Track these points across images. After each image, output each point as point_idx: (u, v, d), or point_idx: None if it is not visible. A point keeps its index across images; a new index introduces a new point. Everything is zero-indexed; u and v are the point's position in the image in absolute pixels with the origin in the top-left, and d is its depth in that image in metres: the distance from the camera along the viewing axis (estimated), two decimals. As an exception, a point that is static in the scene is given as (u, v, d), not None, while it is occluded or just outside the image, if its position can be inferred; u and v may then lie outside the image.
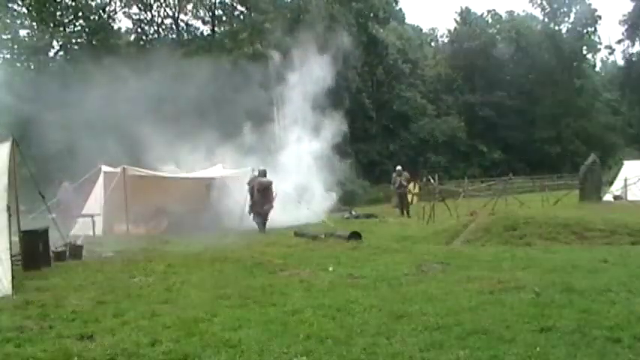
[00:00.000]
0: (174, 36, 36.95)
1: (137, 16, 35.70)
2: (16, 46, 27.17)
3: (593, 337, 4.57)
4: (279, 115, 21.88)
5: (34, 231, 9.32)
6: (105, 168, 16.30)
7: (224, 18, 37.54)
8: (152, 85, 19.99)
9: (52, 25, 27.31)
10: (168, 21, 37.31)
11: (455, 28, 54.19)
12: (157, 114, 19.41)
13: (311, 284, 7.12)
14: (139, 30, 36.24)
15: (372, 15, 41.12)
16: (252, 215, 15.70)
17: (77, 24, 30.04)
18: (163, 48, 30.10)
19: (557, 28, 53.73)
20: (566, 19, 53.66)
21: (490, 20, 54.79)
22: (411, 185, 20.71)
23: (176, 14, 37.06)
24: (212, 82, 21.55)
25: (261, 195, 15.41)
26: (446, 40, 57.96)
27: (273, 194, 15.65)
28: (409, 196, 20.62)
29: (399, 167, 21.78)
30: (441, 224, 14.78)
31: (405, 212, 20.06)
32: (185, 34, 37.57)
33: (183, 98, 21.32)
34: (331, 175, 20.78)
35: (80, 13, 29.39)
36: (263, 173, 15.86)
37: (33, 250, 8.90)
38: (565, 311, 5.34)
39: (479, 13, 54.92)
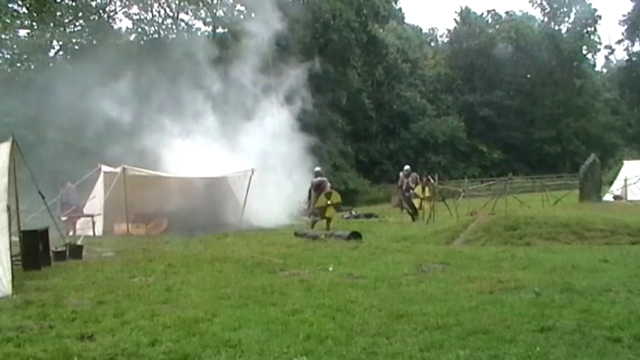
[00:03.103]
0: (174, 36, 36.93)
1: (137, 16, 35.74)
2: (15, 46, 27.15)
3: (593, 337, 4.57)
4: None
5: (34, 231, 9.31)
6: (105, 168, 16.31)
7: (224, 19, 37.53)
8: (152, 84, 20.02)
9: (52, 25, 27.27)
10: (168, 21, 37.34)
11: (455, 28, 54.24)
12: (157, 113, 19.43)
13: (311, 284, 7.12)
14: (139, 30, 36.24)
15: (372, 14, 41.12)
16: (311, 216, 15.85)
17: (77, 24, 30.00)
18: (164, 48, 30.12)
19: (557, 28, 53.79)
20: (566, 19, 53.75)
21: (490, 20, 54.85)
22: (418, 189, 18.01)
23: (176, 14, 37.07)
24: (212, 80, 21.56)
25: (317, 194, 15.51)
26: (445, 40, 58.04)
27: (327, 189, 15.67)
28: (417, 201, 17.99)
29: (407, 167, 19.25)
30: (441, 224, 14.77)
31: (413, 217, 17.98)
32: (185, 34, 37.57)
33: (182, 96, 21.32)
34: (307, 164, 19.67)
35: (80, 13, 29.35)
36: (319, 174, 16.22)
37: (33, 250, 8.89)
38: (565, 311, 5.35)
39: (479, 13, 55.07)
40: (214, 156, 17.79)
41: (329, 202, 15.13)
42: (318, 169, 16.64)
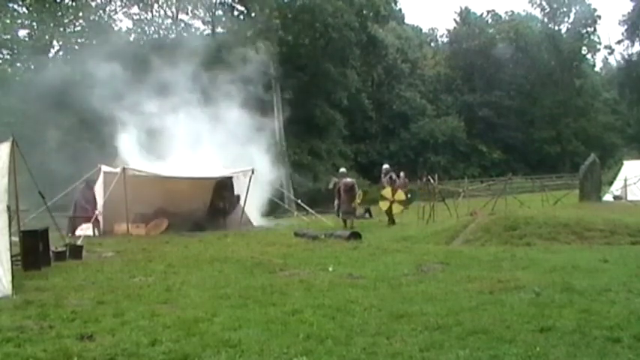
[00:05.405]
0: (174, 36, 36.94)
1: (137, 16, 35.75)
2: (16, 46, 27.16)
3: (593, 337, 4.57)
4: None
5: (34, 231, 9.31)
6: (105, 168, 16.29)
7: (224, 18, 37.56)
8: (152, 84, 19.99)
9: (52, 25, 27.27)
10: (168, 21, 37.37)
11: (454, 28, 54.24)
12: (156, 112, 19.41)
13: (311, 284, 7.12)
14: (139, 30, 36.24)
15: (371, 14, 41.08)
16: (340, 214, 16.16)
17: (77, 24, 30.02)
18: (163, 48, 30.10)
19: (556, 28, 53.78)
20: (566, 19, 53.75)
21: (489, 20, 54.85)
22: (386, 190, 16.46)
23: (176, 14, 37.09)
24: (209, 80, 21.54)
25: (347, 195, 15.90)
26: (445, 40, 58.01)
27: (357, 193, 16.24)
28: (384, 204, 16.44)
29: (385, 165, 17.95)
30: (441, 224, 14.77)
31: (389, 220, 16.53)
32: (185, 34, 37.58)
33: (181, 96, 21.31)
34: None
35: (80, 13, 29.36)
36: (346, 174, 16.86)
37: (33, 250, 8.89)
38: (565, 311, 5.35)
39: (478, 14, 55.06)
40: (212, 154, 17.75)
41: (359, 202, 16.41)
42: (343, 169, 17.36)
